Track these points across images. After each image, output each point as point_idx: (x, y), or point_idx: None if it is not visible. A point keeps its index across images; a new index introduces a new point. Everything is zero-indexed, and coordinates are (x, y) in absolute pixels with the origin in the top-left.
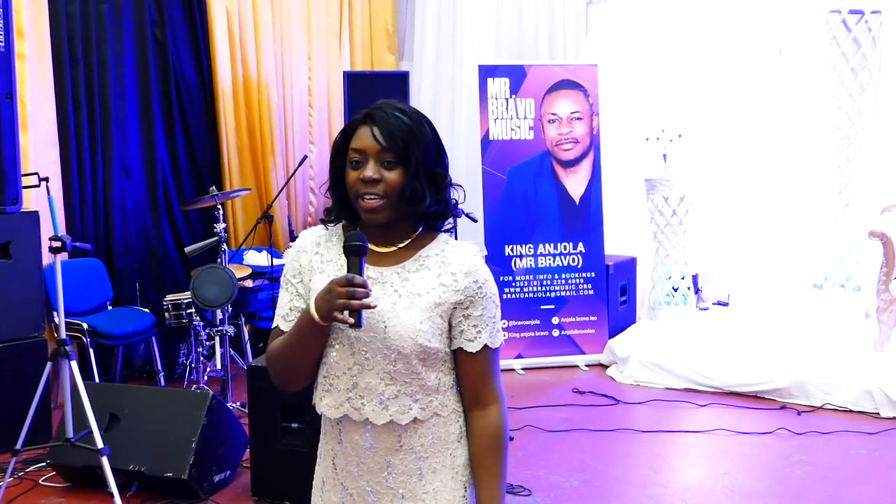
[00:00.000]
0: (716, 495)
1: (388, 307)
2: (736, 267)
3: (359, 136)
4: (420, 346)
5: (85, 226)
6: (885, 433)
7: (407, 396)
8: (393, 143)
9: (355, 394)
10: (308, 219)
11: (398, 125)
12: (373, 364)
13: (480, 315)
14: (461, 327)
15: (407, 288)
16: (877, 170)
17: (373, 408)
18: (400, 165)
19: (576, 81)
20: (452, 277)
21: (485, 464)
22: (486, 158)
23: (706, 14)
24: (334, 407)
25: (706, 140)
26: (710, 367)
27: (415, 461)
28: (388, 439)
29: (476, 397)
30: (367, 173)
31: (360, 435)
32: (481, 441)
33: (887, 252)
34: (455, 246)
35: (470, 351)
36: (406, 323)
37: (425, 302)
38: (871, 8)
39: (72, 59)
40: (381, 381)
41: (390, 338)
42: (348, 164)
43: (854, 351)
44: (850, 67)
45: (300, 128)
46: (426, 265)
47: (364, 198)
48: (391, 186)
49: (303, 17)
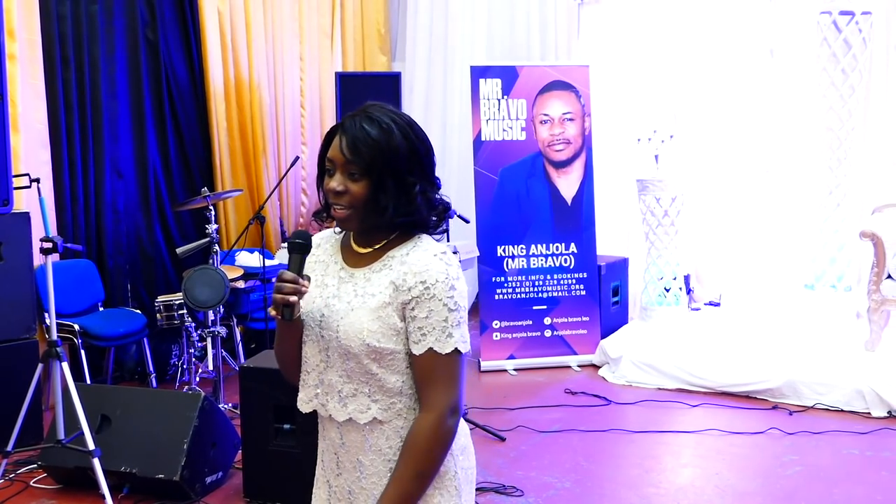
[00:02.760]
0: (707, 495)
1: (344, 306)
2: (727, 267)
3: (332, 145)
4: (368, 346)
5: (76, 227)
6: (876, 433)
7: (365, 396)
8: (356, 156)
9: (322, 390)
10: (300, 219)
11: (363, 137)
12: (333, 361)
13: (426, 318)
14: (409, 328)
15: (366, 289)
16: (867, 170)
17: (334, 405)
18: (365, 177)
19: (568, 82)
20: (403, 278)
21: (399, 464)
22: (478, 159)
23: (698, 15)
24: (305, 402)
25: (698, 141)
26: (701, 368)
27: (383, 463)
28: (356, 438)
29: (421, 398)
30: (332, 185)
31: (336, 432)
32: (406, 441)
33: (878, 252)
34: (421, 246)
35: (415, 353)
36: (354, 323)
37: (375, 302)
38: (861, 9)
39: (63, 59)
40: (340, 379)
41: (340, 337)
42: (325, 171)
43: (845, 351)
44: (841, 68)
45: (292, 128)
46: (389, 265)
47: (333, 207)
48: (355, 198)
49: (294, 18)
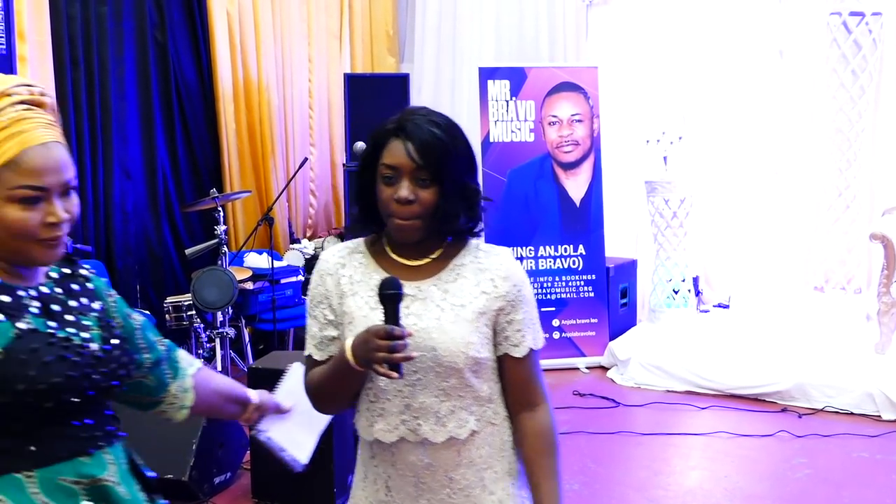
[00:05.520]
0: (716, 498)
1: (434, 323)
2: (737, 269)
3: (391, 151)
4: (472, 359)
5: (85, 228)
6: (886, 436)
7: (463, 410)
8: (427, 161)
9: (409, 415)
10: (308, 220)
11: (432, 140)
12: (425, 383)
13: (523, 318)
14: (505, 333)
15: (448, 300)
16: (877, 172)
17: (430, 427)
18: (434, 183)
19: (576, 84)
20: (492, 283)
21: (541, 465)
22: (487, 161)
23: (706, 16)
24: (388, 431)
25: (707, 142)
26: (710, 370)
27: (476, 473)
28: (447, 455)
29: (524, 400)
30: (402, 193)
31: (417, 456)
32: (534, 443)
33: (888, 254)
34: (488, 250)
35: (516, 356)
36: (455, 337)
37: (469, 313)
38: (871, 10)
39: (72, 60)
40: (437, 399)
41: (441, 355)
42: (380, 179)
43: (855, 353)
44: (851, 69)
45: (300, 130)
46: (462, 274)
47: (397, 217)
48: (425, 206)
49: (303, 19)
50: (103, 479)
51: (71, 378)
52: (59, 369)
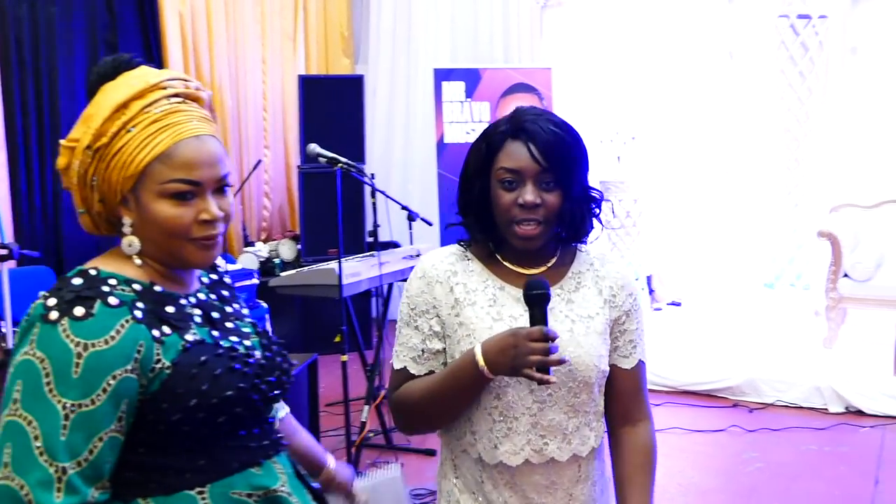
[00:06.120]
0: (671, 493)
1: (567, 336)
2: (689, 267)
3: (511, 153)
4: (602, 372)
5: (34, 232)
6: (833, 428)
7: (585, 426)
8: (553, 163)
9: (535, 434)
10: (263, 223)
11: (557, 142)
12: (556, 399)
13: (636, 329)
14: (616, 343)
15: (575, 311)
16: (825, 171)
17: (557, 445)
18: (559, 187)
19: (530, 84)
20: (611, 292)
21: (636, 481)
22: (442, 162)
23: (659, 18)
24: (514, 454)
25: (659, 142)
26: (663, 367)
27: (590, 487)
28: (570, 473)
29: (627, 414)
30: (528, 197)
31: (541, 475)
32: (633, 459)
33: (835, 251)
34: (602, 258)
35: (625, 367)
36: (590, 350)
37: (599, 324)
38: (818, 13)
39: (20, 62)
40: (566, 416)
41: (576, 369)
42: (498, 183)
43: (804, 348)
44: (799, 71)
45: (254, 132)
46: (583, 283)
47: (520, 224)
48: (551, 211)
49: (257, 21)
50: (276, 490)
51: (242, 390)
52: (230, 381)
